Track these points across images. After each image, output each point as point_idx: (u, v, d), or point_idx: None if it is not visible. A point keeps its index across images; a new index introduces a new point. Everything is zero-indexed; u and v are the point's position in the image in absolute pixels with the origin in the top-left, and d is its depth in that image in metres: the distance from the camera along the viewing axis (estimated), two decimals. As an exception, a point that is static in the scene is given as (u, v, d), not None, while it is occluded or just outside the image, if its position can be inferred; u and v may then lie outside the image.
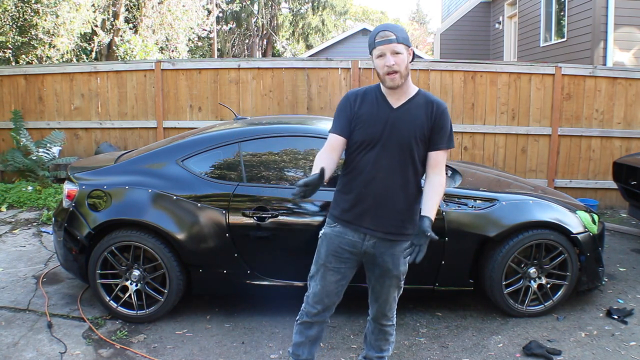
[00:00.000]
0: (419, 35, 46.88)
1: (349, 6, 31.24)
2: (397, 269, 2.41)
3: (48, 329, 3.42)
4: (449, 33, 15.63)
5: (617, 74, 6.71)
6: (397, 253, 2.39)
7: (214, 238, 3.44)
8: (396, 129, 2.29)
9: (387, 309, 2.52)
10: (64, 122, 7.23)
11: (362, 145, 2.33)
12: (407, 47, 2.28)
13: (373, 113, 2.33)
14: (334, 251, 2.40)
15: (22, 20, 10.17)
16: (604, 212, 6.59)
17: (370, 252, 2.39)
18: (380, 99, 2.36)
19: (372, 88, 2.41)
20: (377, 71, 2.31)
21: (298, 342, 2.56)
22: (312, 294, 2.48)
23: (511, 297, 3.56)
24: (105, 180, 3.62)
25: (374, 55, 2.28)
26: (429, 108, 2.33)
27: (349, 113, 2.36)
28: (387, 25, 2.27)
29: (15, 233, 5.53)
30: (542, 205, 3.64)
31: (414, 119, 2.31)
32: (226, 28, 27.66)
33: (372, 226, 2.34)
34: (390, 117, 2.31)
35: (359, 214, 2.35)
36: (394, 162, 2.30)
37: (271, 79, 6.95)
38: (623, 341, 3.29)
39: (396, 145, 2.29)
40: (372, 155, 2.31)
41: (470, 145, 6.84)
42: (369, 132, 2.31)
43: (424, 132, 2.31)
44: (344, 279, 2.45)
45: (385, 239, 2.36)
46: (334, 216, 2.44)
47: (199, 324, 3.53)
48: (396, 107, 2.33)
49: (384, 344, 2.61)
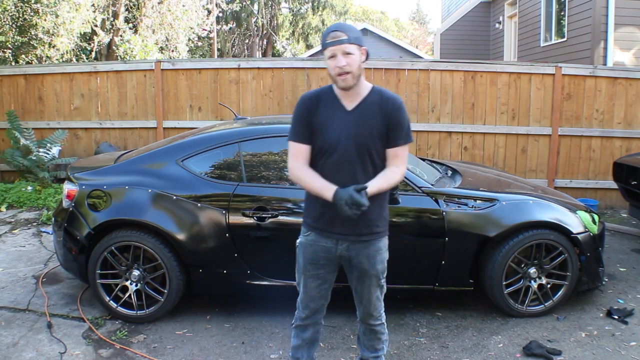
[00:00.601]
0: (419, 35, 46.89)
1: (349, 6, 31.22)
2: (374, 268, 2.40)
3: (48, 329, 3.42)
4: (449, 33, 15.63)
5: (618, 73, 6.71)
6: (372, 252, 2.38)
7: (214, 238, 3.43)
8: (353, 132, 2.27)
9: (372, 309, 2.51)
10: (63, 122, 7.22)
11: (322, 151, 2.31)
12: (360, 46, 2.23)
13: (328, 118, 2.30)
14: (310, 259, 2.42)
15: (22, 20, 10.17)
16: (604, 212, 6.59)
17: (345, 255, 2.39)
18: (334, 101, 2.32)
19: (326, 90, 2.36)
20: (329, 72, 2.27)
21: (296, 345, 2.59)
22: (299, 300, 2.53)
23: (511, 297, 3.56)
24: (105, 180, 3.62)
25: (325, 56, 2.25)
26: (384, 106, 2.30)
27: (306, 119, 2.31)
28: (338, 25, 2.24)
29: (15, 233, 5.53)
30: (542, 205, 3.64)
31: (370, 119, 2.28)
32: (226, 28, 27.65)
33: (342, 231, 2.33)
34: (346, 121, 2.29)
35: (328, 221, 2.33)
36: (355, 165, 2.29)
37: (271, 79, 6.95)
38: (623, 341, 3.29)
39: (355, 148, 2.27)
40: (333, 161, 2.29)
41: (470, 145, 6.84)
42: (327, 139, 2.28)
43: (381, 130, 2.29)
44: (326, 282, 2.46)
45: (358, 240, 2.36)
46: (306, 224, 2.44)
47: (199, 324, 3.53)
48: (350, 109, 2.30)
49: (377, 343, 2.61)
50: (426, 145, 6.85)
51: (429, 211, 3.44)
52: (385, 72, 6.82)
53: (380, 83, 6.81)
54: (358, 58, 2.22)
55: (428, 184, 3.57)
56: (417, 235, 3.49)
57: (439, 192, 3.51)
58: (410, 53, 21.94)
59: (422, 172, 3.76)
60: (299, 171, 2.32)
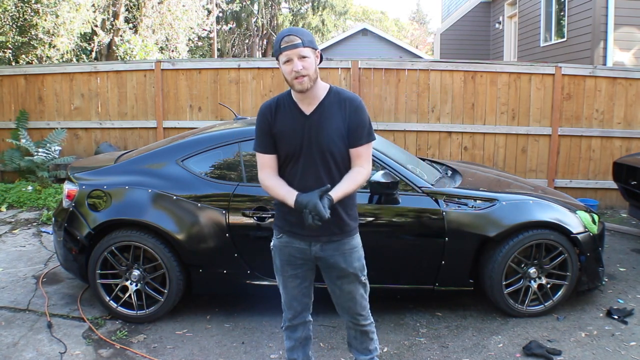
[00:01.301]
0: (419, 35, 46.89)
1: (349, 6, 31.24)
2: (351, 266, 2.39)
3: (48, 329, 3.42)
4: (449, 33, 15.64)
5: (617, 74, 6.71)
6: (346, 251, 2.38)
7: (214, 238, 3.43)
8: (313, 137, 2.26)
9: (359, 308, 2.48)
10: (64, 122, 7.23)
11: (287, 159, 2.31)
12: (314, 49, 2.24)
13: (288, 125, 2.28)
14: (286, 260, 2.41)
15: (22, 20, 10.16)
16: (604, 212, 6.59)
17: (321, 256, 2.38)
18: (293, 107, 2.30)
19: (284, 96, 2.35)
20: (284, 77, 2.25)
21: (290, 346, 2.58)
22: (283, 302, 2.53)
23: (511, 297, 3.56)
24: (105, 180, 3.62)
25: (280, 62, 2.22)
26: (343, 106, 2.29)
27: (267, 129, 2.31)
28: (291, 30, 2.22)
29: (15, 233, 5.53)
30: (542, 205, 3.64)
31: (329, 122, 2.27)
32: (226, 28, 27.66)
33: (313, 232, 2.32)
34: (306, 126, 2.27)
35: (298, 223, 2.30)
36: (319, 168, 2.28)
37: (271, 79, 6.95)
38: (623, 341, 3.29)
39: (317, 152, 2.27)
40: (297, 167, 2.29)
41: (470, 145, 6.84)
42: (289, 146, 2.28)
43: (342, 132, 2.27)
44: (305, 280, 2.46)
45: (330, 240, 2.35)
46: (278, 227, 2.43)
47: (199, 324, 3.53)
48: (309, 113, 2.29)
49: (370, 344, 2.60)
50: (426, 145, 6.85)
51: (429, 211, 3.45)
52: (385, 72, 6.82)
53: (380, 83, 6.82)
54: (313, 61, 2.23)
55: (428, 184, 3.57)
56: (417, 235, 3.49)
57: (439, 192, 3.51)
58: (410, 53, 21.92)
59: (422, 172, 3.76)
60: (267, 181, 2.33)
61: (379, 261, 3.26)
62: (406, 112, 6.87)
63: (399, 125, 6.84)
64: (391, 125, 6.80)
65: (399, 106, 6.86)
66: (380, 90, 6.84)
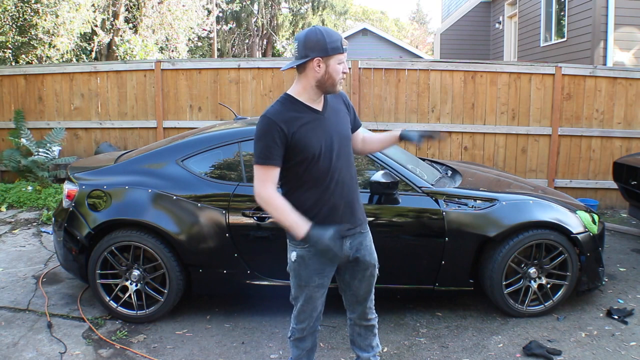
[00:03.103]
0: (419, 35, 46.88)
1: (349, 6, 31.22)
2: (372, 256, 2.49)
3: (48, 329, 3.42)
4: (449, 33, 15.63)
5: (617, 73, 6.71)
6: (368, 243, 2.48)
7: (214, 238, 3.43)
8: (334, 128, 2.32)
9: (370, 302, 2.56)
10: (63, 122, 7.22)
11: (310, 158, 2.23)
12: None
13: (310, 126, 2.24)
14: (315, 270, 2.34)
15: (22, 20, 10.16)
16: (604, 212, 6.59)
17: (350, 254, 2.40)
18: (306, 108, 2.27)
19: (285, 103, 2.26)
20: (328, 75, 2.21)
21: (296, 356, 2.55)
22: (298, 313, 2.45)
23: (511, 297, 3.56)
24: (105, 180, 3.62)
25: (334, 60, 2.19)
26: (339, 99, 2.44)
27: (283, 139, 2.18)
28: (339, 33, 2.29)
29: (15, 233, 5.53)
30: (542, 205, 3.64)
31: (340, 114, 2.41)
32: (226, 28, 27.65)
33: (348, 226, 2.35)
34: (325, 121, 2.30)
35: (334, 223, 2.26)
36: (346, 157, 2.36)
37: (271, 79, 6.95)
38: (623, 341, 3.29)
39: (341, 141, 2.33)
40: (325, 162, 2.26)
41: (470, 145, 6.84)
42: (315, 146, 2.23)
43: (350, 118, 2.47)
44: (325, 288, 2.46)
45: (357, 232, 2.41)
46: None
47: (199, 324, 3.53)
48: (321, 109, 2.32)
49: (373, 340, 2.62)
50: (426, 145, 6.85)
51: (429, 211, 3.45)
52: (386, 72, 6.82)
53: (381, 83, 6.82)
54: None
55: (428, 183, 3.57)
56: (417, 235, 3.49)
57: (439, 192, 3.51)
58: (410, 53, 21.94)
59: (422, 172, 3.76)
60: (274, 200, 2.21)
61: (379, 261, 3.24)
62: (406, 112, 6.87)
63: (399, 125, 6.83)
64: (391, 125, 6.80)
65: (399, 106, 6.86)
66: (380, 90, 6.84)
